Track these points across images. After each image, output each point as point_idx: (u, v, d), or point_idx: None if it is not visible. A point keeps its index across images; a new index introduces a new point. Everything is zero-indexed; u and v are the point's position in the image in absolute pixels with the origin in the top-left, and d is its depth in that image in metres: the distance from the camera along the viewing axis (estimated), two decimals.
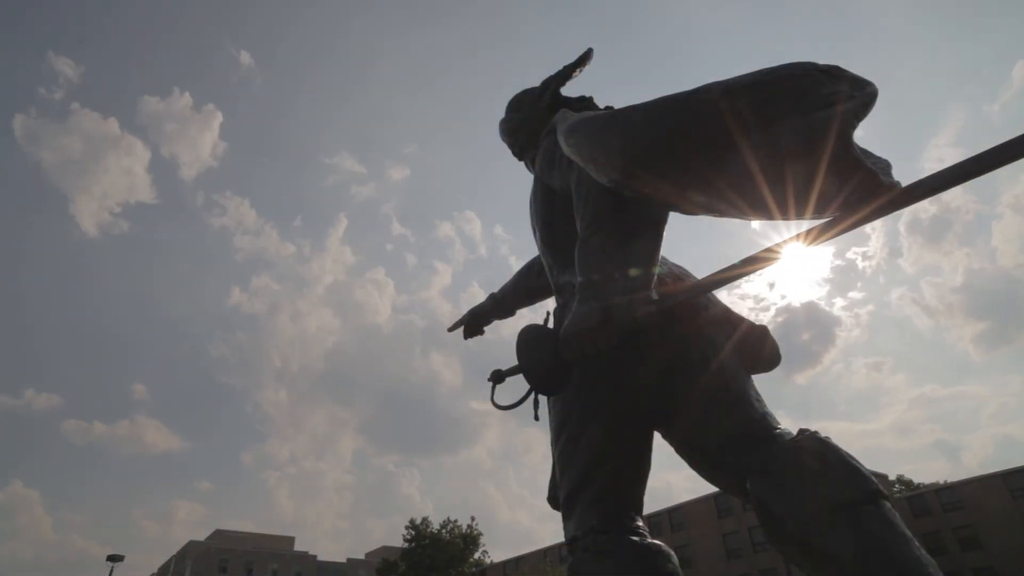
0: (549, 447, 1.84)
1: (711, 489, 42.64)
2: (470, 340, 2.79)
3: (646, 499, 1.72)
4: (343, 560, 74.08)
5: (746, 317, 1.77)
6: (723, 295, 1.88)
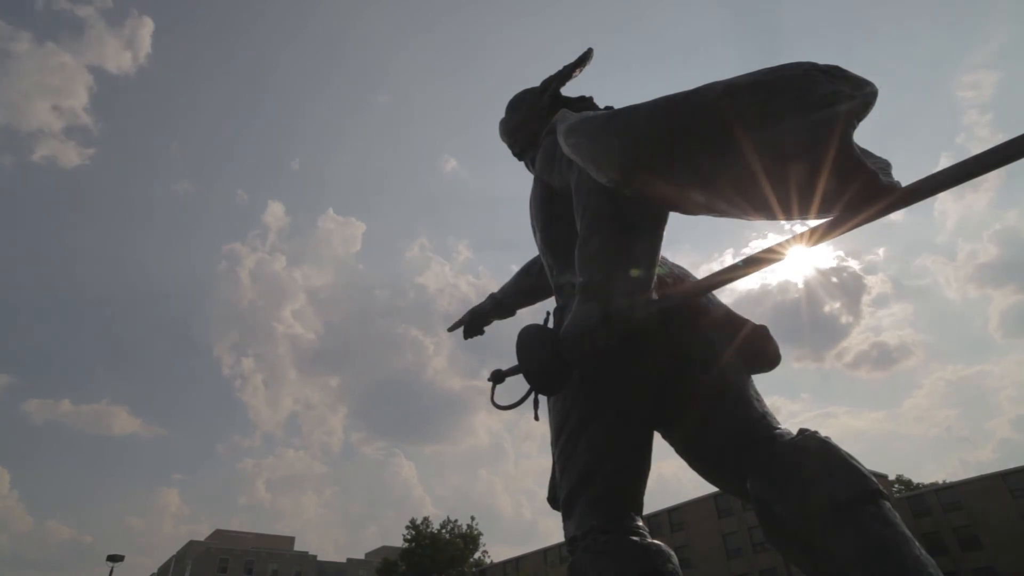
0: (549, 444, 1.84)
1: (711, 488, 42.63)
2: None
3: (646, 499, 1.72)
4: (343, 560, 74.13)
5: (747, 318, 1.77)
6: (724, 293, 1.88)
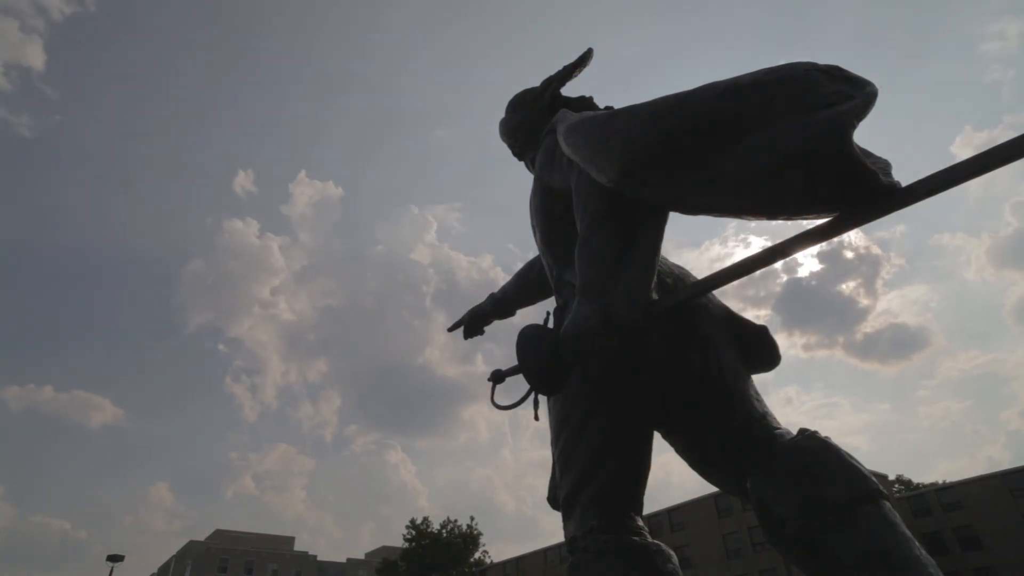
0: (549, 437, 1.84)
1: (711, 488, 42.62)
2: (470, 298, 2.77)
3: (646, 499, 1.72)
4: (343, 560, 74.18)
5: (747, 318, 1.77)
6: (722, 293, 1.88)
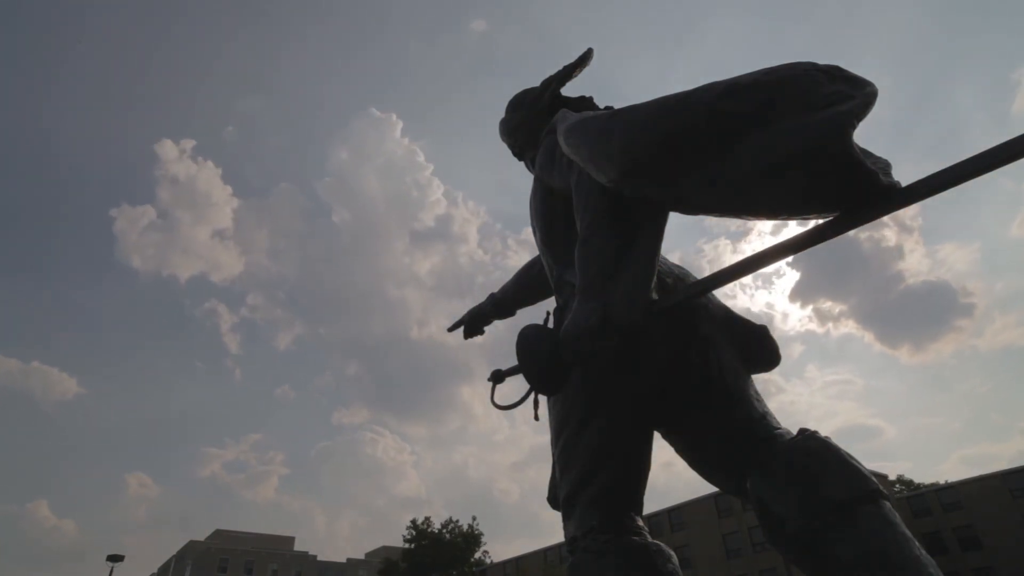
0: (550, 445, 1.84)
1: (711, 488, 42.59)
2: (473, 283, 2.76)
3: (646, 499, 1.72)
4: (343, 560, 74.19)
5: (747, 318, 1.78)
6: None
